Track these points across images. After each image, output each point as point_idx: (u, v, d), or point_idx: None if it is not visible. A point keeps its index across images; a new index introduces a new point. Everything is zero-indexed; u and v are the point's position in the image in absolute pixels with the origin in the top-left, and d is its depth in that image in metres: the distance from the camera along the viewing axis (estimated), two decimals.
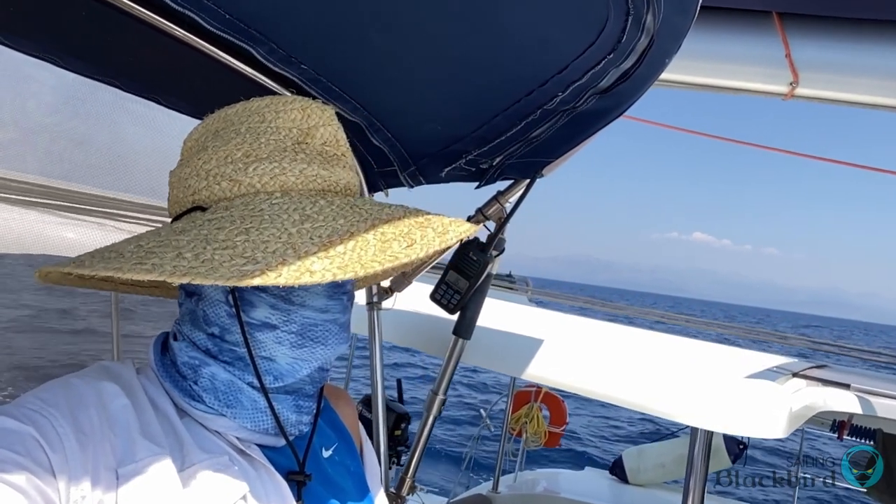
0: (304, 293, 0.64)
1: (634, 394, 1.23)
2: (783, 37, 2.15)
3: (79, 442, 0.55)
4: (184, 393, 0.65)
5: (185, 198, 0.67)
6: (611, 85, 0.98)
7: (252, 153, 0.64)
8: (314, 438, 0.72)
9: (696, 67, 2.42)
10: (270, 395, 0.66)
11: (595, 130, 1.06)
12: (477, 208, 1.22)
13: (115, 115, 0.92)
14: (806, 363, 1.99)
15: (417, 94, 1.10)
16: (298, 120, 0.67)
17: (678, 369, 1.33)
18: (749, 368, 1.59)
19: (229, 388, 0.64)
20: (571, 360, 1.36)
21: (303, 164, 0.65)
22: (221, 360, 0.65)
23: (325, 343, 0.66)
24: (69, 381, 0.60)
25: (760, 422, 1.12)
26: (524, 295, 3.22)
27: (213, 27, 0.91)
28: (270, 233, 0.56)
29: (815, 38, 2.03)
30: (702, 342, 2.26)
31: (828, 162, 2.89)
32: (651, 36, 0.86)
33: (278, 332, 0.64)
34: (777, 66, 2.17)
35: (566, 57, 0.92)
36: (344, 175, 0.68)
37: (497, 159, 1.16)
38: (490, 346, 1.38)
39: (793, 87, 2.22)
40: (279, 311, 0.63)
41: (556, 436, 4.40)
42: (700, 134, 3.39)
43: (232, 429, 0.65)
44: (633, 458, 3.65)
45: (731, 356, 1.86)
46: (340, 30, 0.95)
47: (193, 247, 0.56)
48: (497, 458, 3.36)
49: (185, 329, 0.68)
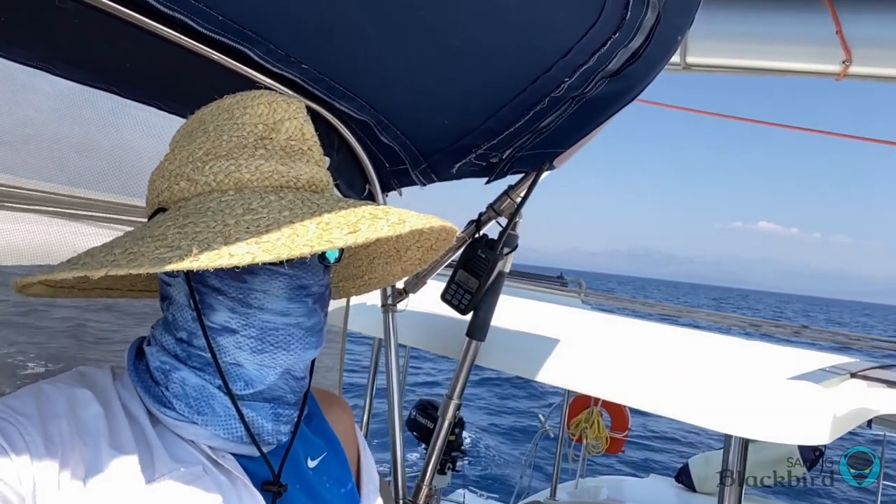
0: (262, 295, 0.62)
1: (664, 401, 1.16)
2: (833, 13, 2.02)
3: (47, 451, 0.54)
4: (155, 399, 0.63)
5: (151, 199, 0.67)
6: (620, 67, 0.92)
7: (212, 151, 0.64)
8: (298, 448, 0.70)
9: (742, 50, 2.31)
10: (246, 402, 0.64)
11: (607, 117, 1.00)
12: (488, 204, 1.18)
13: (117, 121, 0.93)
14: (869, 362, 1.84)
15: (422, 88, 1.07)
16: (264, 115, 0.66)
17: (716, 374, 1.24)
18: (798, 370, 1.47)
19: (200, 393, 0.63)
20: (592, 365, 1.29)
21: (260, 161, 0.63)
22: (191, 365, 0.63)
23: (287, 348, 0.63)
24: (41, 389, 0.60)
25: (798, 427, 1.02)
26: (577, 297, 3.11)
27: (206, 30, 0.90)
28: (206, 224, 0.54)
29: (866, 12, 1.90)
30: (758, 342, 2.12)
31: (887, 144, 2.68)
32: (658, 11, 0.80)
33: (238, 337, 0.62)
34: (828, 44, 2.05)
35: (568, 39, 0.87)
36: (306, 170, 0.65)
37: (507, 152, 1.11)
38: (506, 350, 1.33)
39: (846, 65, 2.09)
40: (238, 314, 0.61)
41: (619, 441, 4.22)
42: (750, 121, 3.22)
43: (204, 437, 0.63)
44: (699, 466, 3.48)
45: (785, 357, 1.74)
46: (336, 26, 0.93)
47: (126, 243, 0.55)
48: (554, 465, 3.26)
49: (157, 333, 0.67)
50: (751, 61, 2.31)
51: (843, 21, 1.98)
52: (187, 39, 0.93)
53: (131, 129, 0.93)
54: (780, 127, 3.23)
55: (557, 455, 3.30)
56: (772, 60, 2.26)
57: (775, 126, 3.65)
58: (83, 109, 0.87)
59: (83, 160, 0.90)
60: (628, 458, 7.54)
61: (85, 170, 0.92)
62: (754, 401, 1.11)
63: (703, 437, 9.13)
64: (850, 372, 1.58)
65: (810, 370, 1.51)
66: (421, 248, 0.80)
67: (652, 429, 9.48)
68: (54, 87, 0.85)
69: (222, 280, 0.61)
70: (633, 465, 7.50)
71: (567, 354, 1.32)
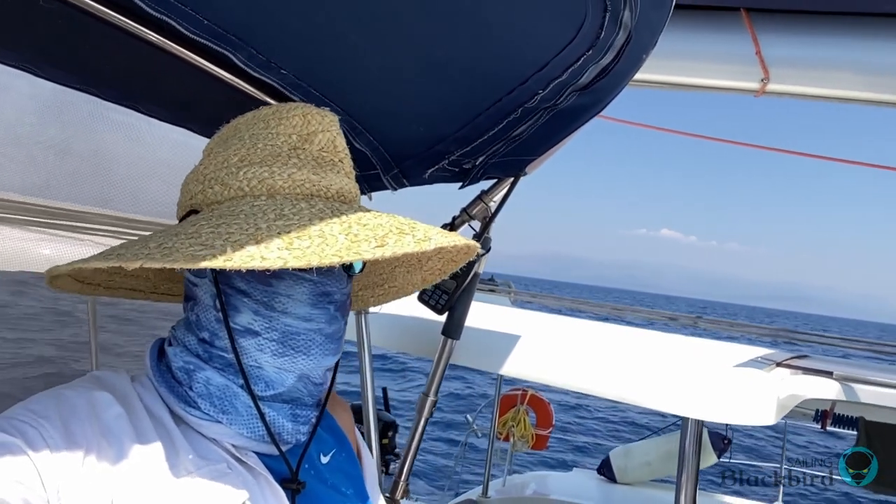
0: (286, 300, 0.63)
1: (625, 388, 1.25)
2: (752, 34, 2.18)
3: (70, 452, 0.54)
4: (179, 399, 0.64)
5: (185, 201, 0.69)
6: (590, 81, 0.99)
7: (247, 158, 0.66)
8: (311, 445, 0.72)
9: (666, 66, 2.44)
10: (267, 403, 0.65)
11: (576, 127, 1.08)
12: (462, 208, 1.23)
13: (95, 124, 0.91)
14: (788, 353, 2.02)
15: (400, 97, 1.10)
16: (298, 126, 0.68)
17: (666, 362, 1.35)
18: (734, 359, 1.61)
19: (224, 393, 0.64)
20: (560, 358, 1.37)
21: (293, 169, 0.65)
22: (213, 365, 0.65)
23: (307, 353, 0.64)
24: (60, 393, 0.59)
25: (750, 410, 1.14)
26: (507, 297, 3.23)
27: (191, 33, 0.90)
28: (238, 226, 0.56)
29: (783, 34, 2.07)
30: (684, 336, 2.28)
31: (788, 154, 2.95)
32: (629, 31, 0.88)
33: (260, 339, 0.63)
34: (748, 63, 2.20)
35: (546, 54, 0.93)
36: (337, 181, 0.68)
37: (480, 159, 1.16)
38: (478, 347, 1.38)
39: (764, 83, 2.25)
40: (262, 317, 0.63)
41: (544, 438, 4.41)
42: (657, 129, 3.43)
43: (227, 436, 0.64)
44: (620, 458, 3.68)
45: (714, 348, 1.89)
46: (321, 34, 0.95)
47: (161, 238, 0.57)
48: (486, 464, 3.35)
49: (179, 334, 0.68)
50: (676, 77, 2.45)
51: (761, 42, 2.14)
52: (170, 43, 0.92)
53: (110, 132, 0.92)
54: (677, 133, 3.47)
55: (489, 454, 3.40)
56: (693, 77, 2.40)
57: (672, 132, 3.90)
58: (63, 111, 0.85)
59: (61, 163, 0.88)
60: (555, 456, 7.82)
61: (61, 172, 0.89)
62: (707, 386, 1.22)
63: (626, 433, 9.59)
64: (776, 361, 1.74)
65: (744, 360, 1.65)
66: (442, 259, 0.83)
67: (578, 424, 9.87)
68: (34, 89, 0.83)
69: (248, 283, 0.63)
70: (559, 462, 7.77)
71: (532, 350, 1.39)
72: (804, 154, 3.37)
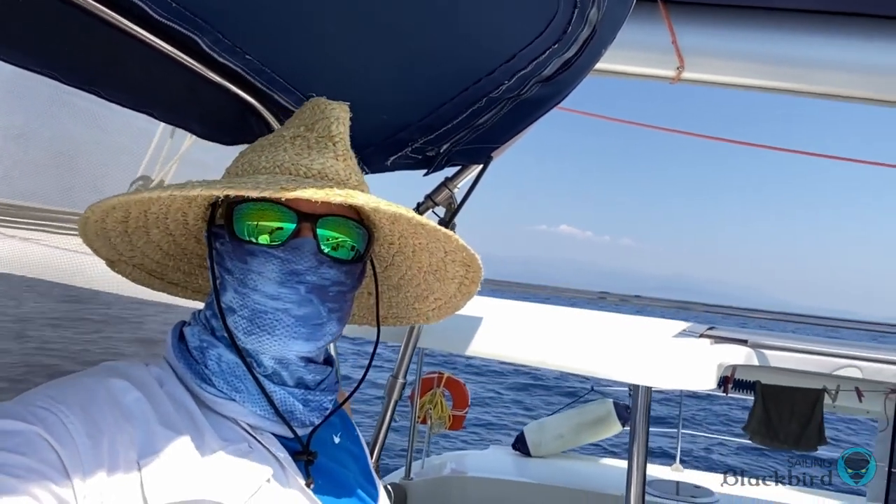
0: (257, 277, 0.64)
1: (581, 361, 1.33)
2: (669, 24, 2.30)
3: (90, 437, 0.54)
4: (196, 375, 0.65)
5: None
6: (553, 73, 1.04)
7: (256, 147, 0.74)
8: (324, 428, 0.74)
9: None
10: (274, 384, 0.67)
11: (537, 117, 1.13)
12: (426, 195, 1.26)
13: (55, 110, 0.87)
14: (703, 326, 2.20)
15: (365, 85, 1.11)
16: (307, 117, 0.74)
17: (613, 336, 1.44)
18: (667, 333, 1.75)
19: (234, 370, 0.65)
20: (521, 337, 1.44)
21: (280, 152, 0.70)
22: (223, 343, 0.67)
23: (272, 333, 0.64)
24: (78, 378, 0.59)
25: (694, 377, 1.25)
26: None
27: (159, 16, 0.88)
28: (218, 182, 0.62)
29: (698, 25, 2.21)
30: (618, 314, 2.43)
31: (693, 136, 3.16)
32: (594, 27, 0.94)
33: (235, 317, 0.65)
34: (664, 52, 2.31)
35: (514, 46, 0.97)
36: (319, 160, 0.70)
37: (444, 147, 1.19)
38: (444, 330, 1.42)
39: (679, 71, 2.38)
40: (238, 294, 0.65)
41: (460, 419, 4.46)
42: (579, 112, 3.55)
43: (242, 414, 0.66)
44: (533, 432, 3.86)
45: (647, 324, 2.03)
46: (289, 20, 0.95)
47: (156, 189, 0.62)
48: (408, 446, 3.38)
49: (200, 314, 0.71)
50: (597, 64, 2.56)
51: (677, 31, 2.27)
52: (133, 25, 0.89)
53: (71, 118, 0.88)
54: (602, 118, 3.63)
55: (411, 436, 3.43)
56: (613, 64, 2.50)
57: (601, 118, 4.08)
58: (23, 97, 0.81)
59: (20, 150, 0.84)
60: (472, 433, 8.07)
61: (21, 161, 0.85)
62: (655, 356, 1.33)
63: (540, 410, 10.00)
64: (700, 333, 1.90)
65: (674, 332, 1.80)
66: (455, 262, 0.82)
67: (490, 405, 10.20)
68: None
69: (232, 261, 0.65)
70: (478, 439, 8.01)
71: (493, 332, 1.45)
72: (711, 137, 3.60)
